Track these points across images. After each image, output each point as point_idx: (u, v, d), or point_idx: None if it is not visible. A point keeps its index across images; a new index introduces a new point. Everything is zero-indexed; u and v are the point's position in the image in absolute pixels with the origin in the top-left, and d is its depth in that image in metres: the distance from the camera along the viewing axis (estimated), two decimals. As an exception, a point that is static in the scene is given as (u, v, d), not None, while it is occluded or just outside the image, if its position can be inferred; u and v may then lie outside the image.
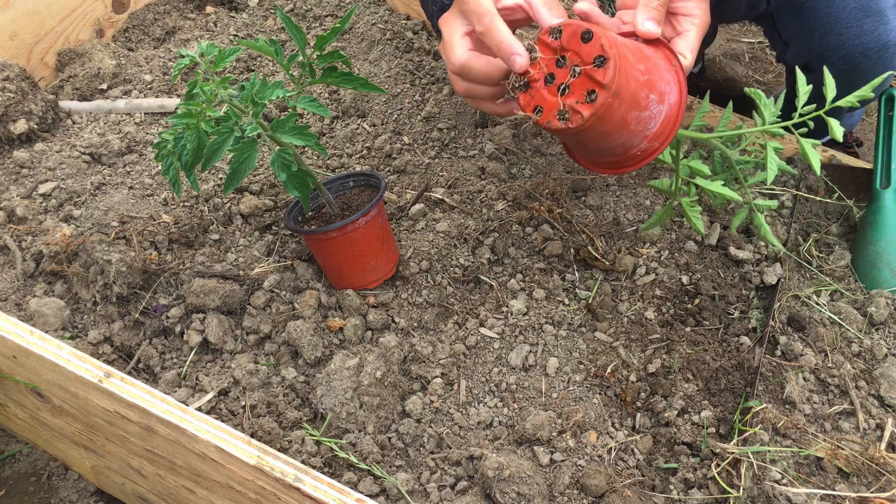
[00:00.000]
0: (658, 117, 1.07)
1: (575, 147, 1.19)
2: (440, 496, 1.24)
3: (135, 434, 1.27)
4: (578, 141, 1.11)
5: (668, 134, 1.09)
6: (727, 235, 1.61)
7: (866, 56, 1.75)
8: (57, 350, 1.25)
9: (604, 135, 1.05)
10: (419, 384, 1.39)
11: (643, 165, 1.21)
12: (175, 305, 1.44)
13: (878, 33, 1.72)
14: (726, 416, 1.36)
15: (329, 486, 1.13)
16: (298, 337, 1.38)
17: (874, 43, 1.72)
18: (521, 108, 1.07)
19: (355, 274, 1.47)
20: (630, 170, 1.14)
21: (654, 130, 1.08)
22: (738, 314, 1.50)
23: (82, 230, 1.51)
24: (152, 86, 1.89)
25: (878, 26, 1.71)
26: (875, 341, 1.47)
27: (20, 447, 1.59)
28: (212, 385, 1.35)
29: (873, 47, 1.73)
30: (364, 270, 1.47)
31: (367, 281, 1.49)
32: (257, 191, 1.68)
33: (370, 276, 1.48)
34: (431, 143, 1.80)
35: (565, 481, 1.25)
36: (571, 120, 1.02)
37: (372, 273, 1.48)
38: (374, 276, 1.49)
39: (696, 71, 2.47)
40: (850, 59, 1.72)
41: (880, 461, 1.25)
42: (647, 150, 1.11)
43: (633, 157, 1.12)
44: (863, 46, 1.73)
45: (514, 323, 1.49)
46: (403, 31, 2.06)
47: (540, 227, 1.62)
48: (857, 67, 1.77)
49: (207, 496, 1.30)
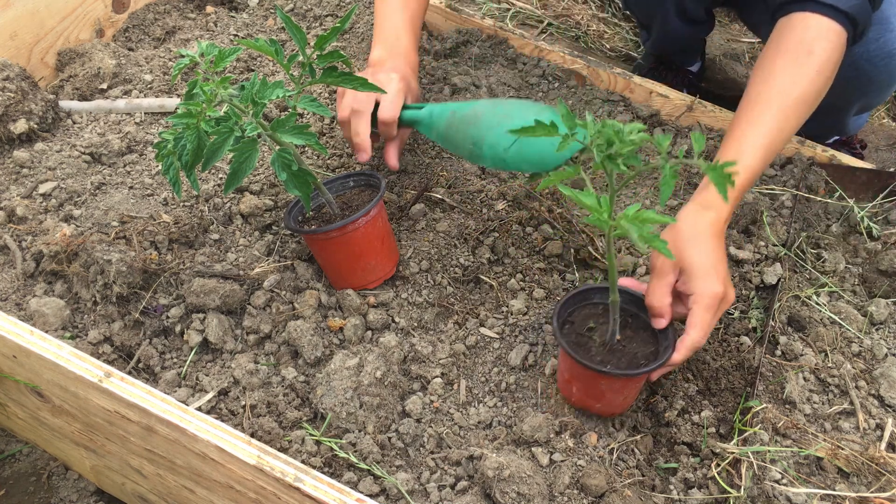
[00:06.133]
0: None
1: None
2: (440, 496, 1.24)
3: (135, 434, 1.27)
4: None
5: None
6: (727, 235, 1.61)
7: (872, 63, 1.76)
8: (57, 350, 1.25)
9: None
10: (419, 384, 1.39)
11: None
12: (175, 305, 1.44)
13: (884, 41, 1.72)
14: (726, 416, 1.36)
15: (329, 486, 1.13)
16: (298, 337, 1.38)
17: (879, 50, 1.73)
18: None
19: (355, 274, 1.47)
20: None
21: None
22: (738, 314, 1.50)
23: (82, 230, 1.51)
24: (152, 86, 1.89)
25: (884, 34, 1.72)
26: (875, 341, 1.47)
27: (20, 447, 1.59)
28: (212, 385, 1.35)
29: (878, 54, 1.74)
30: (364, 270, 1.47)
31: (367, 281, 1.48)
32: (257, 191, 1.68)
33: (370, 276, 1.48)
34: (431, 142, 1.80)
35: (565, 481, 1.24)
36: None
37: (372, 273, 1.48)
38: (374, 276, 1.48)
39: (695, 71, 2.47)
40: (856, 65, 1.73)
41: (880, 461, 1.25)
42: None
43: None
44: (868, 54, 1.73)
45: (514, 323, 1.49)
46: (403, 30, 2.06)
47: (540, 227, 1.62)
48: (862, 74, 1.77)
49: (207, 496, 1.30)
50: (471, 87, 1.89)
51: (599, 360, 1.26)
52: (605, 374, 1.23)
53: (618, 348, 1.28)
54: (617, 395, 1.29)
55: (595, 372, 1.23)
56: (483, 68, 1.97)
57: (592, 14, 2.78)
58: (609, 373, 1.23)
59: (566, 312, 1.33)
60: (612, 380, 1.25)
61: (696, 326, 1.25)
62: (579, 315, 1.34)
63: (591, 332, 1.31)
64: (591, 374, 1.25)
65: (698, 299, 1.25)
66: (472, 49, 2.01)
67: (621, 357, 1.27)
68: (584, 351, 1.28)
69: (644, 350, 1.28)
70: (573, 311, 1.34)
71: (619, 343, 1.29)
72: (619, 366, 1.25)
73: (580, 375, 1.28)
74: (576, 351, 1.26)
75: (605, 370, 1.23)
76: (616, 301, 1.24)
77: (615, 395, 1.29)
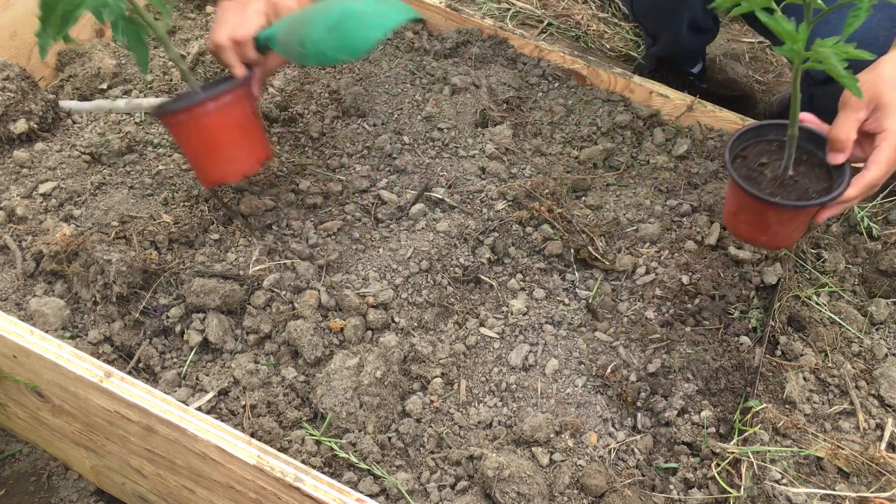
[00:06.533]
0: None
1: None
2: (440, 496, 1.24)
3: (135, 434, 1.27)
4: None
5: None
6: (727, 235, 1.61)
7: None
8: (57, 350, 1.25)
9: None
10: (419, 384, 1.39)
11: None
12: (175, 305, 1.44)
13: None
14: (726, 416, 1.36)
15: (329, 486, 1.13)
16: (298, 336, 1.38)
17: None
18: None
19: (213, 164, 1.43)
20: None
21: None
22: (738, 314, 1.50)
23: (82, 230, 1.51)
24: (152, 86, 1.89)
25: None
26: (875, 341, 1.47)
27: (20, 447, 1.59)
28: (212, 385, 1.35)
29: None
30: (221, 161, 1.43)
31: (225, 172, 1.44)
32: (257, 191, 1.68)
33: (228, 168, 1.44)
34: (431, 142, 1.80)
35: (565, 481, 1.25)
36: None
37: (230, 164, 1.44)
38: (232, 168, 1.44)
39: (696, 71, 2.47)
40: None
41: (880, 461, 1.25)
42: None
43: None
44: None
45: (514, 323, 1.49)
46: (403, 31, 2.06)
47: (540, 227, 1.62)
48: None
49: (207, 496, 1.30)
50: (471, 87, 1.89)
51: (769, 193, 1.29)
52: (773, 205, 1.26)
53: (789, 183, 1.31)
54: (783, 228, 1.32)
55: (763, 202, 1.26)
56: (483, 68, 1.97)
57: (592, 14, 2.78)
58: (778, 203, 1.26)
59: (739, 147, 1.36)
60: (781, 211, 1.28)
61: (880, 163, 1.24)
62: (753, 151, 1.37)
63: (763, 167, 1.34)
64: (759, 205, 1.28)
65: (888, 136, 1.24)
66: (472, 49, 2.01)
67: (791, 191, 1.30)
68: (755, 184, 1.31)
69: (816, 186, 1.30)
70: (746, 146, 1.37)
71: (790, 178, 1.31)
72: (789, 198, 1.28)
73: (748, 206, 1.32)
74: (746, 182, 1.29)
75: (774, 201, 1.26)
76: (794, 135, 1.25)
77: (781, 228, 1.32)
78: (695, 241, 1.60)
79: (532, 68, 1.98)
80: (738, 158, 1.35)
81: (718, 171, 1.76)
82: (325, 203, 1.68)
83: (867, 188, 1.26)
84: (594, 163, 1.80)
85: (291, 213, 1.65)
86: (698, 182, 1.74)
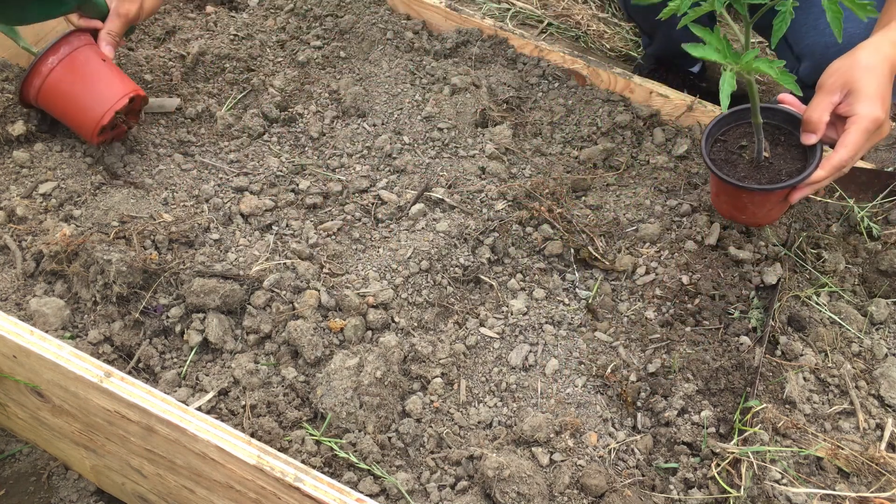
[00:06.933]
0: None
1: None
2: (440, 496, 1.24)
3: (135, 434, 1.27)
4: None
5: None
6: (727, 235, 1.61)
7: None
8: (57, 350, 1.25)
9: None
10: (419, 384, 1.39)
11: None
12: (175, 305, 1.44)
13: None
14: (726, 416, 1.36)
15: (329, 486, 1.13)
16: (298, 336, 1.38)
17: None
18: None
19: (74, 115, 1.61)
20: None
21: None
22: (738, 314, 1.50)
23: (82, 230, 1.51)
24: (152, 86, 1.89)
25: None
26: (875, 341, 1.47)
27: (20, 447, 1.59)
28: (212, 385, 1.35)
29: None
30: (77, 110, 1.60)
31: (93, 114, 1.60)
32: (257, 191, 1.68)
33: (95, 109, 1.59)
34: (431, 143, 1.80)
35: (565, 481, 1.25)
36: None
37: (96, 104, 1.59)
38: (99, 108, 1.59)
39: (696, 71, 2.47)
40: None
41: (880, 461, 1.25)
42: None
43: None
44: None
45: (514, 323, 1.49)
46: (403, 31, 2.06)
47: (540, 227, 1.62)
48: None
49: (207, 496, 1.30)
50: (471, 87, 1.89)
51: (743, 176, 1.35)
52: (744, 189, 1.34)
53: (765, 165, 1.36)
54: (759, 209, 1.40)
55: (734, 187, 1.34)
56: (483, 68, 1.97)
57: (592, 14, 2.78)
58: (747, 187, 1.33)
59: (718, 131, 1.43)
60: (752, 194, 1.35)
61: (847, 146, 1.29)
62: (733, 134, 1.43)
63: (743, 149, 1.40)
64: (732, 189, 1.36)
65: (857, 120, 1.29)
66: (472, 49, 2.01)
67: (766, 173, 1.36)
68: (731, 167, 1.38)
69: (790, 167, 1.36)
70: (727, 130, 1.43)
71: (766, 160, 1.37)
72: (762, 181, 1.34)
73: (724, 190, 1.40)
74: (720, 167, 1.37)
75: (743, 185, 1.33)
76: (759, 123, 1.32)
77: (757, 209, 1.40)
78: (695, 241, 1.60)
79: (532, 68, 1.98)
80: (717, 142, 1.41)
81: (718, 171, 1.76)
82: (325, 203, 1.68)
83: (835, 170, 1.31)
84: (594, 163, 1.80)
85: (291, 213, 1.65)
86: (698, 182, 1.74)
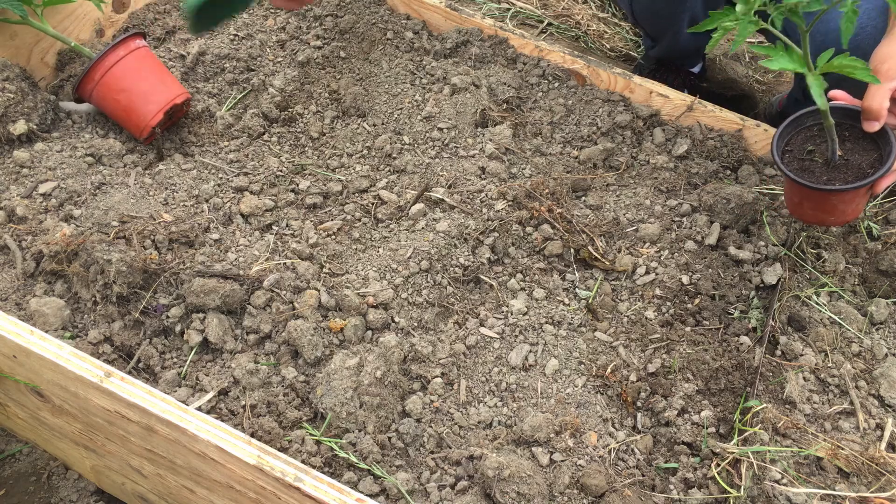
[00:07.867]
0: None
1: None
2: (440, 496, 1.24)
3: (135, 434, 1.27)
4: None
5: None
6: (727, 235, 1.61)
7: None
8: (57, 350, 1.26)
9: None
10: (419, 384, 1.39)
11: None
12: (175, 305, 1.44)
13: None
14: (726, 416, 1.36)
15: (329, 486, 1.13)
16: (298, 336, 1.38)
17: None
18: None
19: (125, 115, 1.72)
20: None
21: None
22: (738, 314, 1.50)
23: (82, 230, 1.51)
24: (152, 86, 1.89)
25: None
26: (875, 341, 1.47)
27: (20, 447, 1.59)
28: (212, 385, 1.35)
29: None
30: (138, 101, 1.71)
31: (146, 110, 1.71)
32: (257, 191, 1.68)
33: (147, 106, 1.71)
34: (431, 142, 1.80)
35: (565, 481, 1.25)
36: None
37: (147, 102, 1.71)
38: (152, 105, 1.71)
39: (696, 71, 2.47)
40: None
41: (880, 461, 1.25)
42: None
43: None
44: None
45: (514, 323, 1.49)
46: (403, 30, 2.06)
47: (540, 227, 1.62)
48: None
49: (207, 496, 1.30)
50: (471, 86, 1.89)
51: (827, 179, 1.36)
52: (834, 192, 1.34)
53: (841, 164, 1.37)
54: (848, 206, 1.40)
55: (825, 192, 1.34)
56: (483, 68, 1.97)
57: (592, 14, 2.78)
58: (838, 189, 1.34)
59: (783, 143, 1.43)
60: (843, 194, 1.35)
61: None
62: (796, 141, 1.43)
63: (812, 154, 1.40)
64: (820, 195, 1.36)
65: None
66: (472, 49, 2.01)
67: (846, 171, 1.36)
68: (809, 174, 1.38)
69: (867, 158, 1.37)
70: (789, 139, 1.44)
71: (841, 158, 1.37)
72: (847, 180, 1.35)
73: (810, 196, 1.40)
74: (801, 176, 1.37)
75: (835, 188, 1.34)
76: (831, 125, 1.32)
77: (847, 206, 1.40)
78: (695, 241, 1.60)
79: (532, 68, 1.98)
80: (785, 154, 1.42)
81: (718, 170, 1.76)
82: (325, 203, 1.68)
83: None
84: (594, 163, 1.80)
85: (291, 212, 1.65)
86: (698, 182, 1.74)
